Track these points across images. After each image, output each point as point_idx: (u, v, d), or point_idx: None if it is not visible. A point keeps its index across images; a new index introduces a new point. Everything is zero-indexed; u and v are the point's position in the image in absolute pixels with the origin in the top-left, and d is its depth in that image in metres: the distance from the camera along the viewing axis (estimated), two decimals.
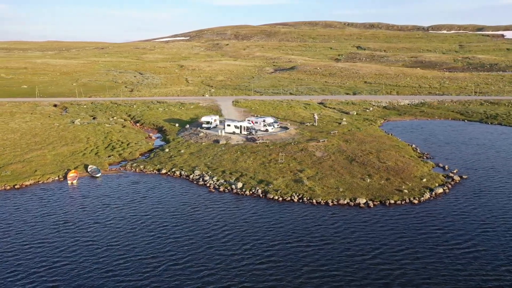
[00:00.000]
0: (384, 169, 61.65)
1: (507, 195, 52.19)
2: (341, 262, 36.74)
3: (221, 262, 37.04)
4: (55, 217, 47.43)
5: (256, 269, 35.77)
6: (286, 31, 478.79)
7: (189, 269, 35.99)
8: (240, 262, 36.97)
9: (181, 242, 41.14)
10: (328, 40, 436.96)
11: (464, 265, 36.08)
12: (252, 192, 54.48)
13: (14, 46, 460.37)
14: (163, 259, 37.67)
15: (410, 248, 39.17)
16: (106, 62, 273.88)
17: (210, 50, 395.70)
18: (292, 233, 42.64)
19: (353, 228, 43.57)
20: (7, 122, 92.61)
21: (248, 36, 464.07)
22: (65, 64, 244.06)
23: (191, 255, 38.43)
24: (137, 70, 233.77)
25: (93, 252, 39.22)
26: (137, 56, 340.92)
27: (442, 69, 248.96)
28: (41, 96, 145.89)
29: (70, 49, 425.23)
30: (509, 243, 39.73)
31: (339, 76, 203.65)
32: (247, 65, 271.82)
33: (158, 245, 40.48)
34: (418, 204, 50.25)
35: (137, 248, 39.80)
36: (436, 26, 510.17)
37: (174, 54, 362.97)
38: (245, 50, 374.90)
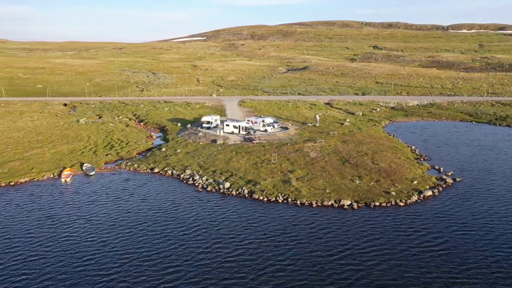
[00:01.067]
0: (376, 171, 60.92)
1: (495, 199, 50.89)
2: (307, 262, 36.78)
3: (190, 259, 37.59)
4: (40, 212, 48.89)
5: (221, 266, 36.22)
6: (303, 31, 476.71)
7: (157, 264, 36.68)
8: (208, 259, 37.48)
9: (156, 238, 41.86)
10: (345, 40, 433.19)
11: (431, 267, 35.63)
12: (239, 192, 54.65)
13: (36, 46, 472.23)
14: (134, 255, 38.47)
15: (382, 249, 38.82)
16: (121, 62, 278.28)
17: (225, 50, 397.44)
18: (268, 232, 42.76)
19: (329, 229, 43.32)
20: (15, 121, 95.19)
21: (264, 36, 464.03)
22: (82, 64, 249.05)
23: (163, 251, 39.15)
24: (151, 70, 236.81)
25: (68, 246, 40.39)
26: (153, 56, 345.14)
27: (459, 69, 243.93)
28: (54, 95, 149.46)
29: (89, 50, 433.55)
30: (483, 247, 38.99)
31: (351, 76, 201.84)
32: (261, 65, 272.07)
33: (133, 241, 41.33)
34: (403, 206, 49.50)
35: (112, 244, 40.75)
36: (456, 25, 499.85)
37: (190, 54, 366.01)
38: (260, 50, 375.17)
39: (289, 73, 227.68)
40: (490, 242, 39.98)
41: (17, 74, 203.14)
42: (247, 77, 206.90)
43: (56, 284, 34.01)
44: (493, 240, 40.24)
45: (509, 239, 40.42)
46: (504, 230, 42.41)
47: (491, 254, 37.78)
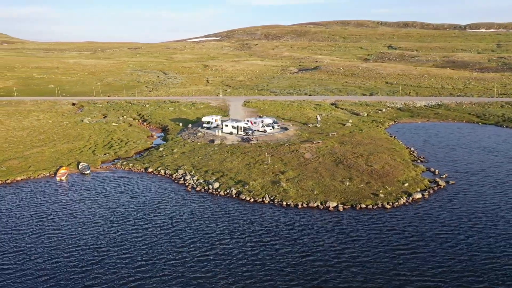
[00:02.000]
0: (368, 173, 60.36)
1: (485, 202, 49.84)
2: (278, 261, 37.04)
3: (164, 256, 38.28)
4: (29, 208, 50.34)
5: (192, 265, 36.67)
6: (317, 31, 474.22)
7: (131, 261, 37.51)
8: (181, 257, 38.08)
9: (135, 236, 42.77)
10: (359, 40, 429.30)
11: (402, 269, 35.45)
12: (227, 193, 54.87)
13: (53, 46, 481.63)
14: (110, 251, 39.44)
15: (356, 250, 38.69)
16: (135, 62, 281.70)
17: (239, 50, 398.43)
18: (245, 232, 43.03)
19: (308, 230, 43.31)
20: (21, 120, 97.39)
21: (278, 36, 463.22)
22: (95, 64, 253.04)
23: (139, 248, 40.03)
24: (162, 70, 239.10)
25: (49, 241, 41.67)
26: (166, 56, 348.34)
27: (474, 69, 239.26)
28: (65, 95, 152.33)
29: (105, 50, 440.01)
30: (460, 251, 38.45)
31: (361, 76, 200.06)
32: (272, 65, 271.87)
33: (112, 238, 42.33)
34: (390, 209, 48.96)
35: (92, 240, 41.87)
36: (474, 24, 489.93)
37: (203, 54, 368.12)
38: (273, 50, 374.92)
39: (299, 73, 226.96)
40: (469, 245, 39.40)
41: (32, 74, 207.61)
42: (257, 77, 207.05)
43: (30, 277, 35.12)
44: (473, 244, 39.59)
45: (489, 243, 39.75)
46: (486, 234, 41.66)
47: (468, 257, 37.26)
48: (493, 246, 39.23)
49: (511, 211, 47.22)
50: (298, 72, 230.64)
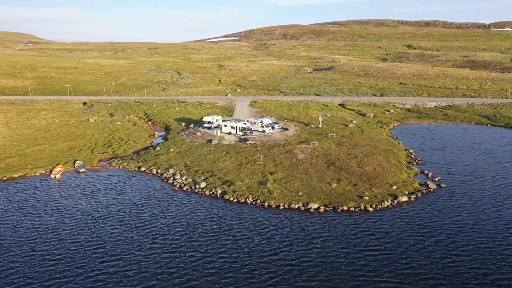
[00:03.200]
0: (358, 174, 59.61)
1: (472, 208, 48.50)
2: (242, 258, 37.75)
3: (132, 251, 39.58)
4: (18, 203, 52.53)
5: (158, 260, 37.78)
6: (336, 30, 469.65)
7: (100, 255, 38.92)
8: (149, 253, 39.21)
9: (110, 231, 44.29)
10: (379, 39, 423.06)
11: (363, 270, 35.41)
12: (212, 193, 55.17)
13: (76, 47, 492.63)
14: (83, 245, 41.04)
15: (322, 251, 38.82)
16: (152, 62, 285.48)
17: (256, 50, 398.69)
18: (217, 230, 43.83)
19: (280, 230, 43.54)
20: (30, 119, 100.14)
21: (297, 36, 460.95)
22: (113, 64, 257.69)
23: (111, 242, 41.53)
24: (177, 69, 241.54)
25: (30, 234, 43.51)
26: (184, 56, 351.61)
27: (495, 69, 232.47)
28: (79, 94, 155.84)
29: (126, 50, 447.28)
30: (424, 254, 37.96)
31: (375, 76, 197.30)
32: (288, 65, 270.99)
33: (89, 232, 43.96)
34: (372, 212, 48.28)
35: (70, 234, 43.56)
36: (499, 23, 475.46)
37: (221, 54, 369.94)
38: (290, 50, 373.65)
39: (313, 73, 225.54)
40: (439, 248, 39.00)
41: (50, 74, 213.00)
42: (270, 77, 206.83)
43: (4, 267, 36.79)
44: (443, 247, 39.04)
45: (460, 247, 39.06)
46: (459, 238, 40.88)
47: (435, 259, 36.93)
48: (462, 249, 38.60)
49: (492, 215, 46.25)
50: (312, 72, 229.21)
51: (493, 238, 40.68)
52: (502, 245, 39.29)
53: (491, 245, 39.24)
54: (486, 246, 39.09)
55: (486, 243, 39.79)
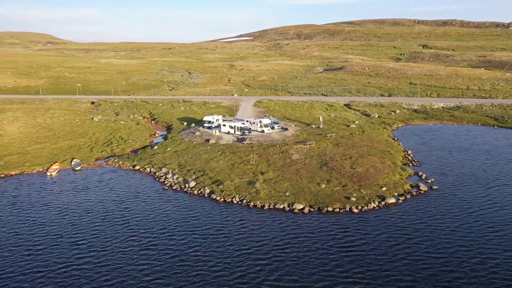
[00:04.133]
0: (349, 175, 59.10)
1: (459, 211, 47.52)
2: (214, 255, 38.45)
3: (106, 247, 40.52)
4: (9, 199, 54.03)
5: (133, 255, 38.69)
6: (350, 30, 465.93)
7: (78, 249, 40.23)
8: (126, 247, 40.29)
9: (91, 226, 45.45)
10: (394, 39, 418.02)
11: (333, 269, 35.45)
12: (200, 192, 55.43)
13: (92, 47, 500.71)
14: (64, 239, 42.38)
15: (295, 250, 39.00)
16: (164, 62, 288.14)
17: (270, 50, 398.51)
18: (196, 228, 44.39)
19: (256, 229, 43.75)
20: (36, 117, 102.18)
21: (311, 36, 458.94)
22: (125, 64, 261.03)
23: (91, 236, 42.80)
24: (188, 69, 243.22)
25: (13, 228, 45.02)
26: (197, 56, 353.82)
27: (511, 69, 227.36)
28: (88, 93, 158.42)
29: (141, 50, 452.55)
30: (398, 256, 37.49)
31: (385, 76, 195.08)
32: (299, 65, 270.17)
33: (70, 227, 45.29)
34: (357, 213, 47.82)
35: (53, 229, 44.76)
36: None
37: (234, 54, 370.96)
38: (303, 50, 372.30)
39: (323, 73, 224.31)
40: (415, 251, 38.53)
41: (64, 74, 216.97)
42: (279, 77, 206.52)
43: None
44: (419, 251, 38.43)
45: (437, 250, 38.46)
46: (438, 241, 40.22)
47: (408, 261, 36.59)
48: (439, 252, 38.11)
49: (478, 217, 45.51)
50: (323, 72, 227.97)
51: (473, 241, 39.99)
52: (481, 248, 38.67)
53: (470, 248, 38.60)
54: (464, 249, 38.44)
55: (465, 246, 39.20)
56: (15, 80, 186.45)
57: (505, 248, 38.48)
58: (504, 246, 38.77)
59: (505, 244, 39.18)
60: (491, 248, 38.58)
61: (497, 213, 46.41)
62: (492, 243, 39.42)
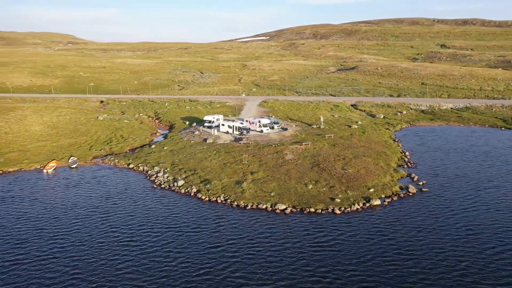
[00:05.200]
0: (339, 176, 58.56)
1: (444, 215, 46.26)
2: (184, 251, 39.21)
3: (84, 241, 41.77)
4: (2, 193, 55.75)
5: (106, 249, 39.83)
6: (367, 30, 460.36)
7: (55, 242, 41.64)
8: (104, 242, 41.49)
9: (76, 221, 46.79)
10: (412, 38, 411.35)
11: (290, 269, 35.58)
12: (187, 191, 55.80)
13: (111, 47, 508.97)
14: (46, 232, 43.73)
15: (261, 249, 39.18)
16: (178, 61, 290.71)
17: (285, 49, 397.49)
18: (174, 225, 45.19)
19: (231, 228, 44.19)
20: (43, 116, 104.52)
21: (327, 35, 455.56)
22: (139, 63, 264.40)
23: (72, 231, 44.27)
24: (201, 69, 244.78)
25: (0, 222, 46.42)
26: (212, 56, 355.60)
27: None
28: (100, 92, 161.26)
29: (158, 50, 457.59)
30: (364, 258, 37.07)
31: (398, 76, 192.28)
32: (313, 65, 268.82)
33: (53, 220, 46.77)
34: (339, 214, 47.37)
35: (36, 222, 46.39)
36: None
37: (248, 53, 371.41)
38: (319, 50, 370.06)
39: (336, 73, 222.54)
40: (385, 252, 38.05)
41: (79, 73, 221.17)
42: (290, 77, 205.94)
43: None
44: (390, 252, 37.94)
45: (409, 252, 37.88)
46: (413, 245, 39.37)
47: (377, 262, 36.28)
48: (410, 254, 37.61)
49: (457, 221, 44.58)
50: (335, 72, 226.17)
51: (447, 243, 39.42)
52: (453, 250, 38.13)
53: (443, 250, 38.09)
54: (436, 251, 37.91)
55: (438, 247, 38.65)
56: (30, 80, 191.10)
57: (478, 250, 37.90)
58: (477, 248, 38.15)
59: (478, 246, 38.57)
60: (464, 249, 38.02)
61: (480, 215, 45.54)
62: (466, 245, 38.83)
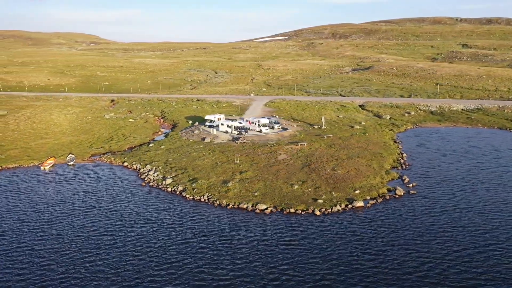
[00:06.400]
0: (326, 177, 58.02)
1: (427, 221, 45.14)
2: (156, 245, 40.22)
3: (63, 234, 43.25)
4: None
5: (83, 241, 41.50)
6: (387, 29, 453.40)
7: (35, 232, 43.86)
8: (81, 236, 42.78)
9: (59, 214, 48.24)
10: (433, 38, 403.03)
11: (261, 272, 35.27)
12: (173, 189, 56.30)
13: (132, 47, 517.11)
14: (28, 223, 45.77)
15: (229, 247, 39.63)
16: (194, 61, 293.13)
17: (303, 49, 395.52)
18: (152, 221, 46.10)
19: (205, 225, 44.78)
20: (51, 114, 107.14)
21: (346, 35, 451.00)
22: (156, 63, 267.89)
23: (53, 223, 46.04)
24: (216, 69, 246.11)
25: None
26: (229, 55, 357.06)
27: None
28: (112, 92, 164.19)
29: (177, 50, 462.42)
30: (326, 261, 36.70)
31: (412, 77, 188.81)
32: (328, 65, 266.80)
33: (39, 213, 48.51)
34: (319, 215, 46.99)
35: (22, 215, 48.33)
36: None
37: (266, 53, 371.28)
38: (337, 49, 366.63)
39: (350, 73, 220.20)
40: (352, 253, 37.69)
41: (96, 72, 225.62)
42: (303, 77, 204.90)
43: None
44: (359, 254, 37.48)
45: (379, 255, 37.20)
46: (382, 247, 38.82)
47: (341, 262, 36.19)
48: (376, 255, 37.23)
49: (435, 222, 43.91)
50: (350, 72, 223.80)
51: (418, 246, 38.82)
52: (423, 252, 37.56)
53: (412, 252, 37.58)
54: (405, 253, 37.38)
55: (409, 249, 38.11)
56: (48, 79, 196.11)
57: (448, 251, 37.36)
58: (447, 250, 37.64)
59: (449, 248, 38.04)
60: (433, 251, 37.49)
61: (460, 217, 44.87)
62: (438, 247, 38.31)
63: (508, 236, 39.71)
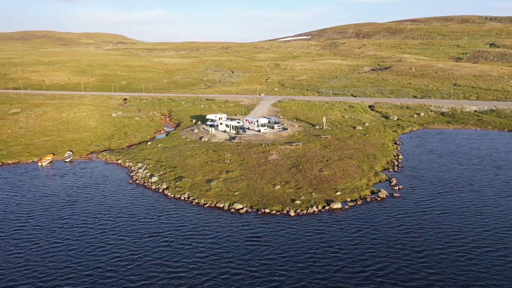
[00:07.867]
0: (311, 178, 57.44)
1: (393, 219, 44.39)
2: (125, 239, 41.58)
3: (42, 226, 45.20)
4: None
5: (58, 232, 43.24)
6: (413, 28, 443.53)
7: (16, 223, 45.29)
8: (50, 225, 44.91)
9: (42, 207, 50.40)
10: (460, 37, 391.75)
11: (219, 271, 35.26)
12: (157, 187, 57.00)
13: (156, 46, 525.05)
14: (11, 216, 47.90)
15: (189, 243, 40.17)
16: (213, 61, 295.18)
17: (324, 49, 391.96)
18: (123, 217, 47.47)
19: (175, 221, 45.56)
20: (62, 112, 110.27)
21: (370, 34, 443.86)
22: (175, 63, 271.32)
23: (32, 214, 48.44)
24: (234, 68, 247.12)
25: None
26: (250, 55, 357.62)
27: None
28: (127, 91, 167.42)
29: (200, 49, 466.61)
30: (299, 264, 36.19)
31: (430, 77, 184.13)
32: (348, 64, 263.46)
33: (24, 206, 50.82)
34: (293, 216, 46.60)
35: (9, 207, 50.60)
36: None
37: (287, 53, 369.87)
38: (359, 49, 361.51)
39: (368, 73, 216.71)
40: (313, 256, 37.06)
41: (116, 72, 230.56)
42: (319, 77, 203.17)
43: None
44: (321, 257, 36.89)
45: (342, 257, 36.62)
46: (348, 248, 38.22)
47: (303, 265, 35.63)
48: (341, 258, 36.75)
49: (408, 225, 42.88)
50: (368, 72, 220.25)
51: (385, 247, 38.18)
52: (390, 253, 36.93)
53: (376, 256, 36.82)
54: (371, 257, 36.64)
55: (375, 250, 37.44)
56: (69, 78, 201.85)
57: (415, 253, 36.47)
58: (416, 252, 36.73)
59: (418, 250, 37.18)
60: (401, 252, 36.90)
61: (436, 219, 43.75)
62: (406, 248, 37.64)
63: (476, 239, 38.55)
